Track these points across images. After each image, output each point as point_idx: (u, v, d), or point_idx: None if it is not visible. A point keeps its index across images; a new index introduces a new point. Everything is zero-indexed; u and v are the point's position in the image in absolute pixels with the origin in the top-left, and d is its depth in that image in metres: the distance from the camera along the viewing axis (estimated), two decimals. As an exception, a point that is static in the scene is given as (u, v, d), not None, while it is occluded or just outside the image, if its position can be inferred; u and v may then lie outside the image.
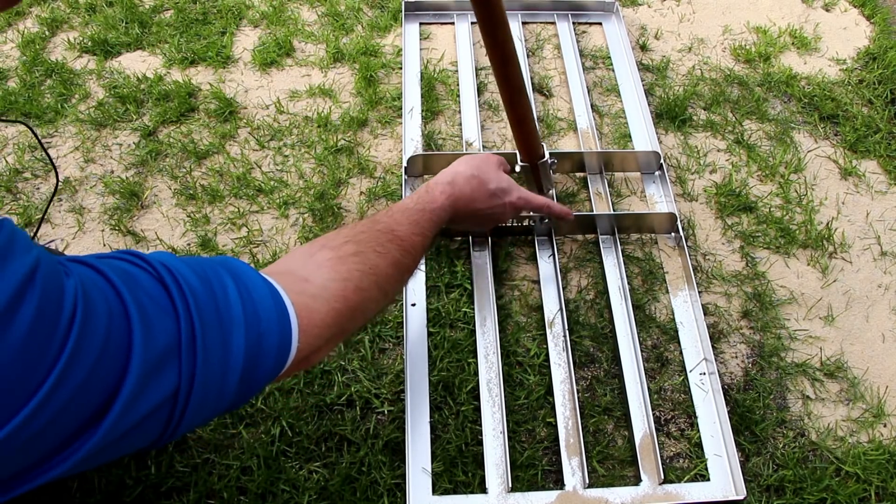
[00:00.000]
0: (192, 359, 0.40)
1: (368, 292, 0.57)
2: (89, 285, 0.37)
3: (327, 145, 1.18)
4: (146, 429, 0.39)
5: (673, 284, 1.03)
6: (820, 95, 1.31)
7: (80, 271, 0.38)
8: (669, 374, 0.95)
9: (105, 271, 0.39)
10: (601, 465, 0.87)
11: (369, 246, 0.60)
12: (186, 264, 0.44)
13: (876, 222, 1.14)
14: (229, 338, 0.43)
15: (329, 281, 0.54)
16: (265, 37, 1.37)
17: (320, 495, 0.82)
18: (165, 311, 0.40)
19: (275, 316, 0.46)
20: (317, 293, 0.52)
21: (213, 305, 0.43)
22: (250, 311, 0.45)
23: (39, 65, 1.31)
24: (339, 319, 0.53)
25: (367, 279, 0.57)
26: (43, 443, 0.34)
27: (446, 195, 0.78)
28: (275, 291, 0.48)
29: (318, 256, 0.56)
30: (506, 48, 0.81)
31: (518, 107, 0.90)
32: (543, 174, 1.02)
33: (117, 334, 0.36)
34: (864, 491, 0.85)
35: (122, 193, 1.11)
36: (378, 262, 0.60)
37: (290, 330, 0.47)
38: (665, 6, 1.50)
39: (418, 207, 0.73)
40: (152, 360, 0.37)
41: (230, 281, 0.46)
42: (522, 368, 0.94)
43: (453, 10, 1.41)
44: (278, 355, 0.46)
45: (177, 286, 0.41)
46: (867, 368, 0.97)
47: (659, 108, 1.27)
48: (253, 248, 1.05)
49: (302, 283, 0.52)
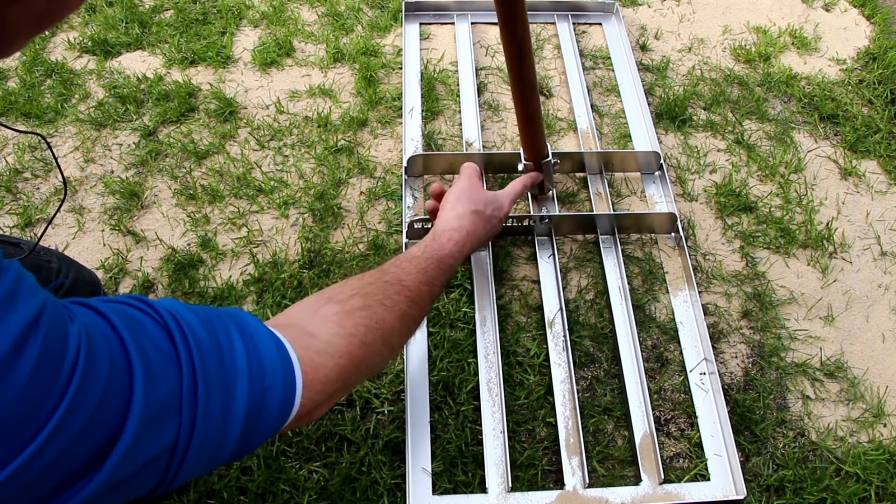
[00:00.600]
0: (192, 411, 0.39)
1: (374, 347, 0.56)
2: (93, 331, 0.37)
3: (327, 145, 1.18)
4: (143, 477, 0.39)
5: (673, 284, 1.03)
6: (820, 95, 1.31)
7: (84, 316, 0.37)
8: (669, 374, 0.95)
9: (110, 317, 0.39)
10: (601, 465, 0.87)
11: (376, 299, 0.60)
12: (193, 313, 0.44)
13: (876, 222, 1.14)
14: (232, 391, 0.42)
15: (334, 336, 0.53)
16: (265, 37, 1.37)
17: (320, 495, 0.82)
18: (169, 360, 0.40)
19: (280, 370, 0.46)
20: (322, 348, 0.51)
21: (218, 357, 0.42)
22: (255, 364, 0.44)
23: (39, 65, 1.31)
24: (343, 375, 0.52)
25: (372, 334, 0.56)
26: (40, 487, 0.33)
27: (454, 241, 0.77)
28: (281, 345, 0.47)
29: (324, 310, 0.56)
30: (524, 43, 0.81)
31: (529, 104, 0.90)
32: (546, 174, 1.02)
33: (119, 382, 0.36)
34: (864, 491, 0.85)
35: (122, 193, 1.11)
36: (385, 316, 0.59)
37: (294, 385, 0.47)
38: (665, 6, 1.50)
39: (426, 256, 0.72)
40: (153, 410, 0.37)
41: (236, 333, 0.45)
42: (522, 368, 0.94)
43: (453, 10, 1.41)
44: (281, 410, 0.46)
45: (182, 335, 0.41)
46: (867, 368, 0.97)
47: (659, 108, 1.27)
48: (253, 248, 1.05)
49: (308, 337, 0.52)
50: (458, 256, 0.77)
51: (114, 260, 1.03)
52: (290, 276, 1.00)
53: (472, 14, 1.41)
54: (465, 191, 0.85)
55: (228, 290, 0.99)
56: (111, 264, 1.02)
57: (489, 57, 1.36)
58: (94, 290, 0.85)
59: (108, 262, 1.03)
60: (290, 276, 1.01)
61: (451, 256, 0.75)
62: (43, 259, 0.80)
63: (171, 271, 1.01)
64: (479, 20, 1.41)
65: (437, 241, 0.76)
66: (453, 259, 0.76)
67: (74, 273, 0.82)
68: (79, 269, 0.85)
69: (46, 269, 0.79)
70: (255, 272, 1.01)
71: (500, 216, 0.88)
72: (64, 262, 0.82)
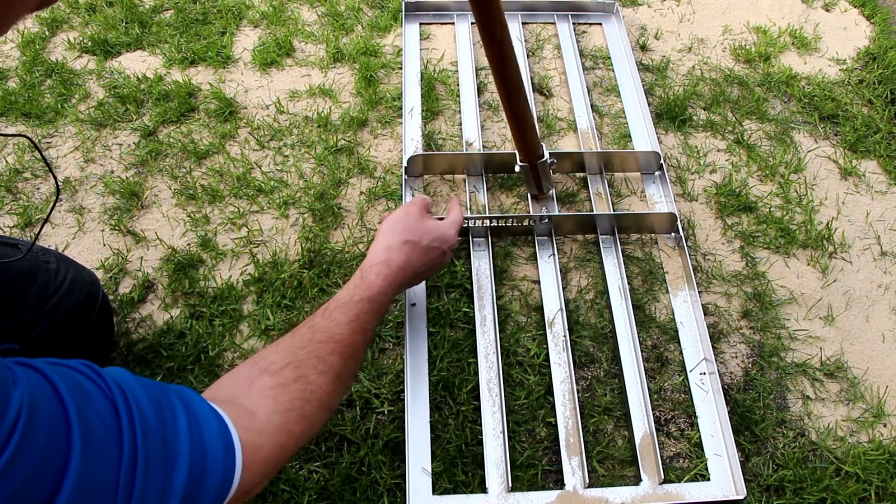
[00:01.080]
0: (129, 492, 0.39)
1: (312, 418, 0.57)
2: (37, 398, 0.36)
3: (327, 145, 1.18)
4: None
5: (673, 284, 1.03)
6: (820, 95, 1.31)
7: (30, 381, 0.36)
8: (669, 374, 0.95)
9: (56, 383, 0.38)
10: (601, 465, 0.87)
11: (310, 365, 0.59)
12: (142, 386, 0.44)
13: (876, 222, 1.14)
14: (172, 471, 0.42)
15: (272, 413, 0.53)
16: (265, 37, 1.37)
17: (320, 495, 0.82)
18: (112, 434, 0.39)
19: (221, 453, 0.46)
20: (262, 428, 0.51)
21: (161, 435, 0.42)
22: (197, 445, 0.44)
23: (39, 65, 1.31)
24: (283, 453, 0.53)
25: (309, 406, 0.56)
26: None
27: (382, 276, 0.73)
28: (224, 425, 0.47)
29: (258, 384, 0.56)
30: (504, 46, 0.80)
31: (516, 106, 0.89)
32: (543, 174, 1.02)
33: (55, 455, 0.35)
34: (864, 491, 0.85)
35: (122, 193, 1.11)
36: (321, 383, 0.59)
37: (233, 467, 0.47)
38: (665, 6, 1.50)
39: (355, 300, 0.69)
40: (86, 488, 0.36)
41: (182, 410, 0.45)
42: (522, 368, 0.94)
43: (453, 11, 1.41)
44: (218, 492, 0.46)
45: (127, 409, 0.40)
46: (867, 368, 0.97)
47: (659, 108, 1.27)
48: (253, 248, 1.05)
49: (248, 416, 0.52)
50: (388, 293, 0.73)
51: (114, 260, 1.03)
52: (290, 276, 1.00)
53: (472, 14, 1.41)
54: (398, 220, 0.80)
55: (228, 290, 0.99)
56: (111, 264, 1.02)
57: (489, 57, 1.36)
58: (93, 289, 0.85)
59: (107, 262, 1.03)
60: (290, 276, 1.01)
61: (382, 294, 0.72)
62: (41, 259, 0.80)
63: (171, 271, 1.01)
64: (479, 20, 1.41)
65: (364, 280, 0.72)
66: (384, 296, 0.73)
67: (73, 273, 0.82)
68: (77, 269, 0.85)
69: (45, 270, 0.79)
70: (255, 272, 1.01)
71: (444, 247, 0.83)
72: (63, 263, 0.82)
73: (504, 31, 0.79)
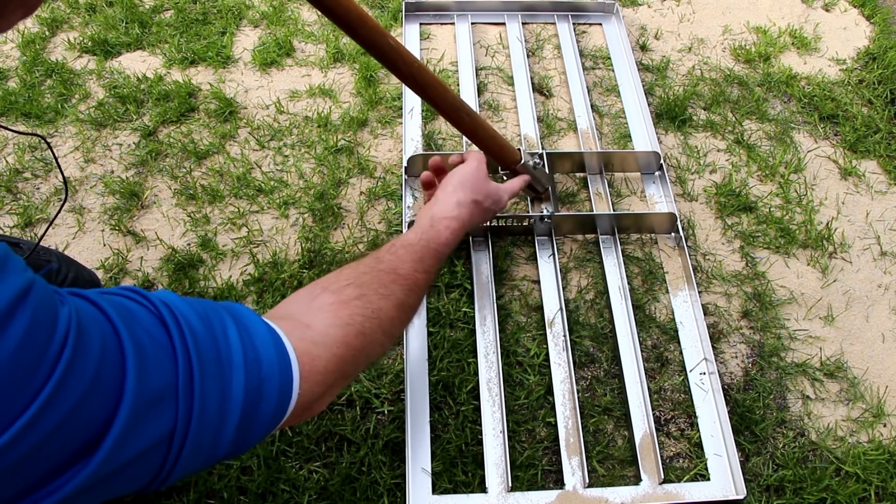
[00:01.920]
0: (189, 399, 0.39)
1: (371, 336, 0.56)
2: (85, 316, 0.36)
3: (327, 145, 1.18)
4: (139, 468, 0.38)
5: (673, 284, 1.03)
6: (820, 95, 1.31)
7: (76, 302, 0.37)
8: (669, 374, 0.95)
9: (102, 305, 0.38)
10: (601, 465, 0.87)
11: (372, 288, 0.59)
12: (188, 304, 0.43)
13: (876, 222, 1.14)
14: (228, 381, 0.42)
15: (331, 327, 0.52)
16: (265, 37, 1.37)
17: (320, 495, 0.82)
18: (164, 348, 0.39)
19: (276, 361, 0.45)
20: (319, 339, 0.51)
21: (214, 347, 0.42)
22: (251, 355, 0.44)
23: (39, 65, 1.31)
24: (341, 365, 0.52)
25: (369, 323, 0.56)
26: (32, 468, 0.33)
27: (451, 230, 0.75)
28: (276, 337, 0.47)
29: (319, 300, 0.55)
30: (419, 77, 0.78)
31: (462, 124, 0.87)
32: (531, 176, 1.00)
33: (110, 368, 0.35)
34: (863, 491, 0.85)
35: (122, 193, 1.11)
36: (381, 305, 0.58)
37: (291, 376, 0.46)
38: (665, 6, 1.50)
39: (422, 244, 0.70)
40: (146, 398, 0.36)
41: (232, 324, 0.45)
42: (522, 368, 0.94)
43: (453, 11, 1.41)
44: (279, 402, 0.45)
45: (176, 325, 0.40)
46: (867, 368, 0.97)
47: (659, 108, 1.27)
48: (253, 248, 1.05)
49: (304, 328, 0.51)
50: (452, 245, 0.75)
51: (114, 260, 1.03)
52: (290, 276, 1.00)
53: (472, 14, 1.41)
54: (469, 177, 0.82)
55: (228, 290, 0.99)
56: (111, 264, 1.02)
57: (489, 57, 1.36)
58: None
59: (108, 262, 1.03)
60: (290, 276, 1.01)
61: (447, 245, 0.74)
62: (43, 259, 0.80)
63: (172, 271, 1.01)
64: (479, 20, 1.41)
65: (434, 229, 0.74)
66: (448, 248, 0.75)
67: (74, 273, 0.83)
68: (79, 269, 0.85)
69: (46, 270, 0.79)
70: (255, 272, 1.01)
71: (496, 210, 0.86)
72: (64, 263, 0.83)
73: (411, 66, 0.77)
